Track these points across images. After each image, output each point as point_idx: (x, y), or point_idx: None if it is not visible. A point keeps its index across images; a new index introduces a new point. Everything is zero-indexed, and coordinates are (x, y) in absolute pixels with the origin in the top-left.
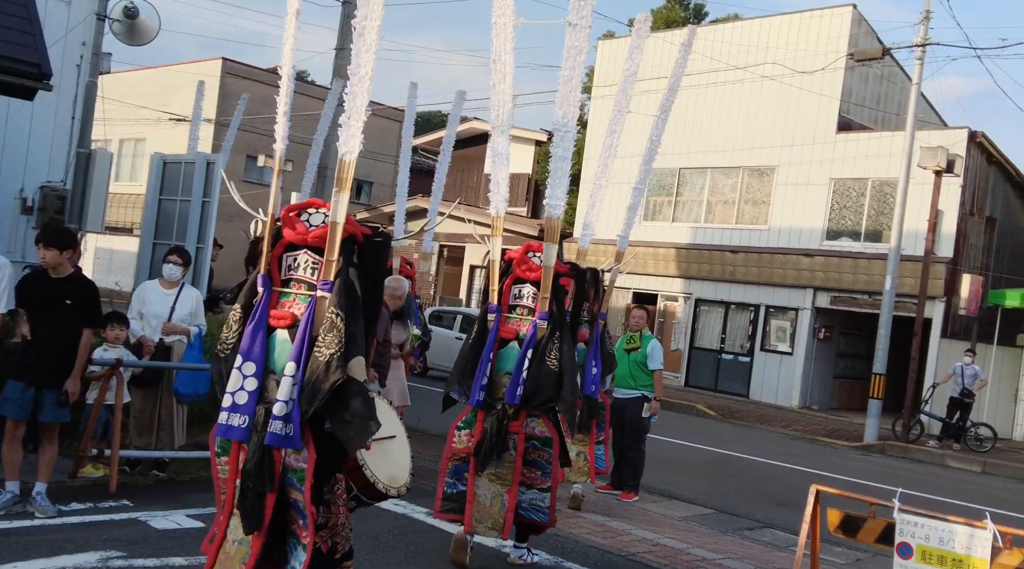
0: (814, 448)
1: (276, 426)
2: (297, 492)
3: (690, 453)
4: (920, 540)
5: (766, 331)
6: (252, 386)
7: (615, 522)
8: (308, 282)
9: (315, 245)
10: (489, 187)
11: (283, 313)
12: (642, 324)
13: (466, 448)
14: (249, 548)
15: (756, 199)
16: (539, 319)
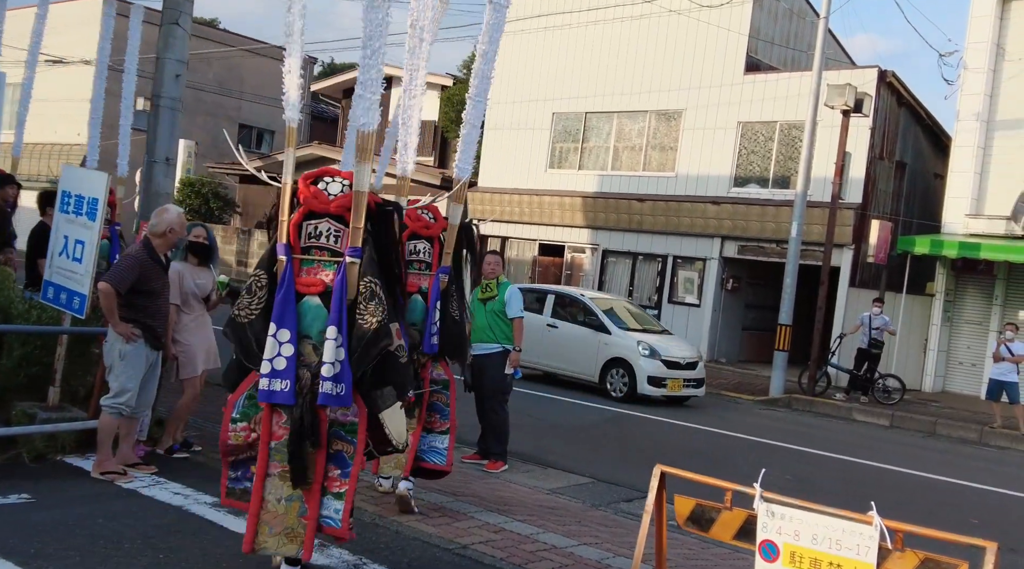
0: (717, 403)
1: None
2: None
3: (580, 414)
4: (788, 537)
5: (674, 282)
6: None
7: (460, 502)
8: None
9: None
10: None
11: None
12: (498, 270)
13: (246, 443)
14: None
15: (663, 145)
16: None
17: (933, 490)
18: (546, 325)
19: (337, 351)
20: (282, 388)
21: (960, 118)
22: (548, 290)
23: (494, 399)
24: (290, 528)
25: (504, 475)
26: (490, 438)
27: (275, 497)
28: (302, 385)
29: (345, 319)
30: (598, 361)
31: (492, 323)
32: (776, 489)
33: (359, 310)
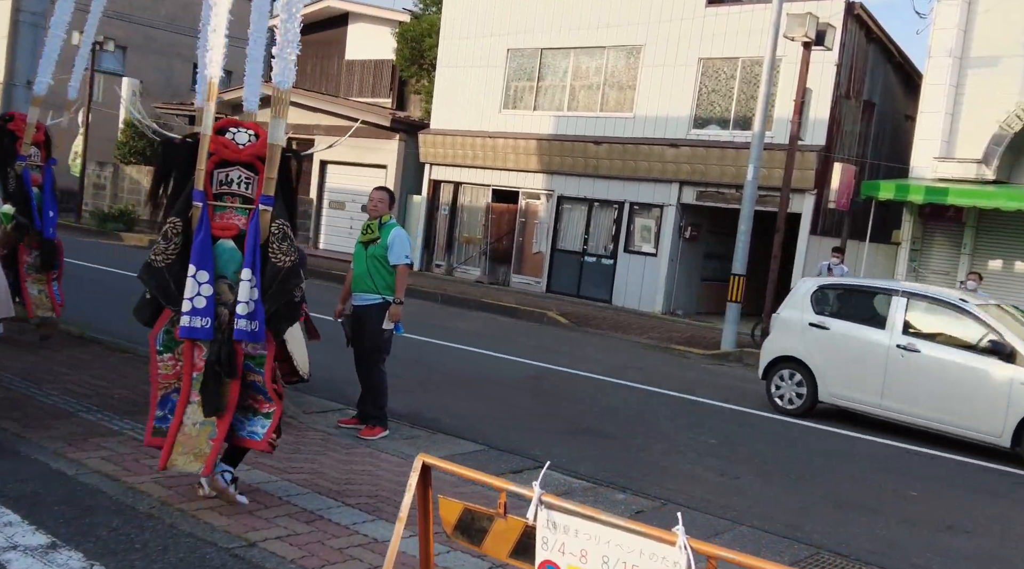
0: (663, 358)
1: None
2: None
3: (499, 370)
4: (574, 559)
5: (630, 231)
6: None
7: (285, 483)
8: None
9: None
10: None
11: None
12: (383, 209)
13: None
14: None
15: (622, 83)
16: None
17: (869, 452)
18: (896, 347)
19: (251, 291)
20: (203, 325)
21: (932, 54)
22: (894, 289)
23: (370, 357)
24: (198, 449)
25: (378, 443)
26: (368, 400)
27: (192, 422)
28: (221, 322)
29: (259, 261)
30: (1008, 413)
31: (372, 269)
32: (694, 453)
33: (272, 250)
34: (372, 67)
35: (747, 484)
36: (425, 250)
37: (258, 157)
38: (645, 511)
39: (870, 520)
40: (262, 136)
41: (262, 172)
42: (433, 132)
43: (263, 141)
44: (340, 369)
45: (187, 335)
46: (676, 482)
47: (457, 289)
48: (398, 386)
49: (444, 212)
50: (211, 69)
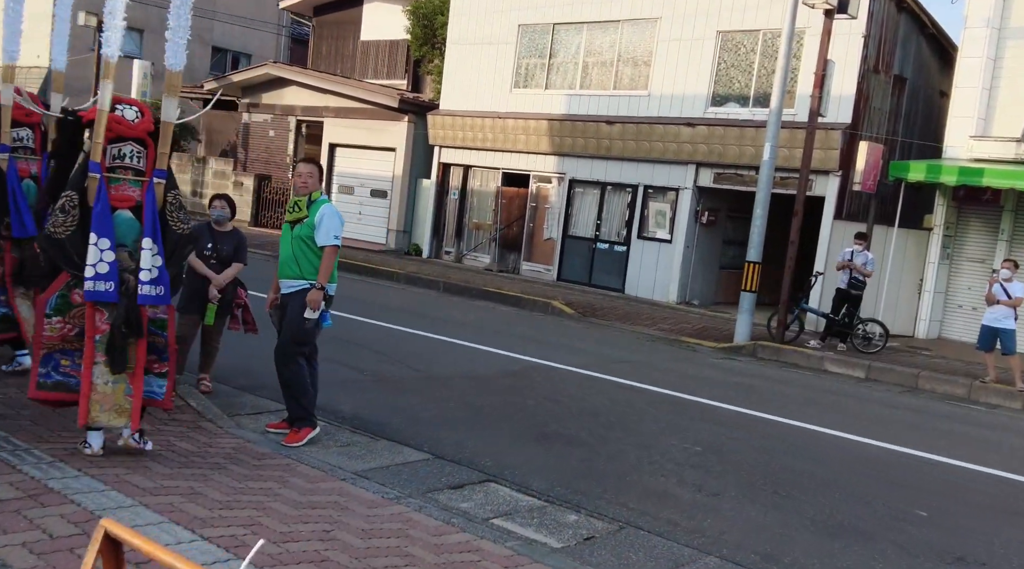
0: (668, 351)
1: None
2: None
3: (480, 364)
4: None
5: (644, 215)
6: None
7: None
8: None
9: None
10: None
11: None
12: (312, 185)
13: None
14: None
15: (636, 59)
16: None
17: (883, 465)
18: None
19: (154, 259)
20: (107, 289)
21: (968, 24)
22: None
23: (285, 349)
24: (118, 405)
25: (301, 453)
26: (288, 399)
27: (102, 381)
28: (127, 287)
29: (159, 230)
30: None
31: (299, 252)
32: (673, 463)
33: (172, 219)
34: (387, 48)
35: (726, 502)
36: (434, 237)
37: (148, 132)
38: (597, 537)
39: (864, 549)
40: (147, 113)
41: (151, 147)
42: (442, 113)
43: (149, 117)
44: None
45: (92, 298)
46: (643, 500)
47: (461, 277)
48: (355, 383)
49: (454, 196)
50: (109, 49)
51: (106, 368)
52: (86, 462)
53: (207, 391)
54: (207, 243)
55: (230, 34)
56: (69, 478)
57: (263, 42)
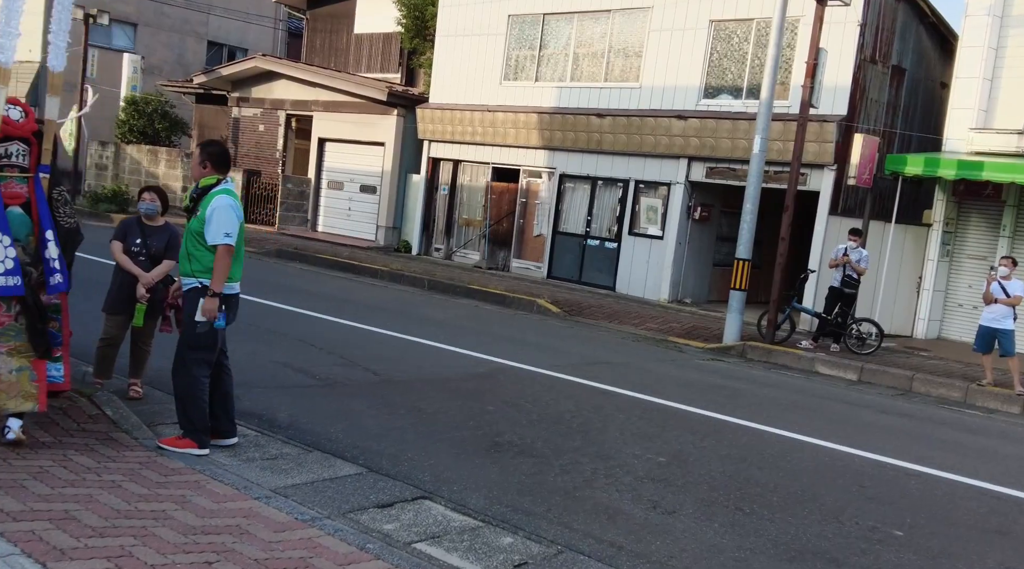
0: (652, 352)
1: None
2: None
3: (445, 366)
4: None
5: (635, 211)
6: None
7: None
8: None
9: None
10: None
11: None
12: (204, 171)
13: None
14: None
15: (628, 50)
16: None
17: (861, 478)
18: None
19: (55, 249)
20: (15, 283)
21: (968, 12)
22: None
23: (181, 353)
24: (25, 391)
25: (217, 466)
26: (178, 409)
27: (6, 370)
28: (31, 279)
29: (53, 223)
30: None
31: (190, 247)
32: (631, 476)
33: (59, 214)
34: (381, 41)
35: (682, 521)
36: (424, 233)
37: (32, 131)
38: (529, 564)
39: None
40: (31, 113)
41: (34, 145)
42: (431, 106)
43: (32, 117)
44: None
45: (5, 293)
46: (590, 519)
47: (447, 275)
48: (301, 389)
49: (443, 192)
50: (3, 55)
51: (9, 358)
52: None
53: (136, 397)
54: (136, 238)
55: (226, 28)
56: None
57: (260, 36)
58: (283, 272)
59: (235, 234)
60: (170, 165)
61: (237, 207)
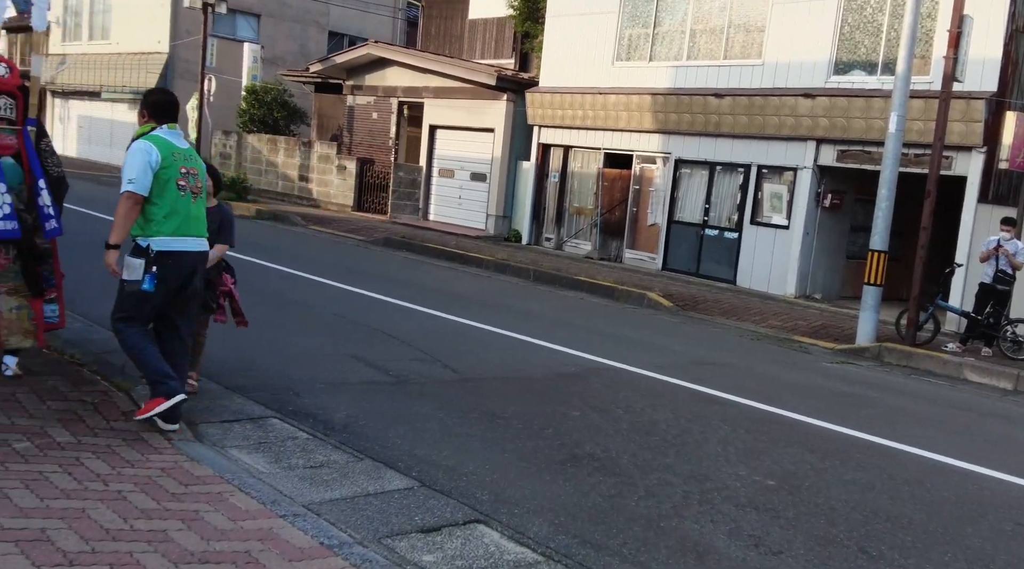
0: (773, 352)
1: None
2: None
3: (534, 364)
4: None
5: (758, 199)
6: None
7: None
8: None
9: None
10: None
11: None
12: (145, 118)
13: None
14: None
15: (749, 24)
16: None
17: (1011, 510)
18: None
19: (48, 196)
20: (12, 228)
21: None
22: None
23: (112, 315)
24: (25, 329)
25: (254, 475)
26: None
27: (7, 308)
28: (25, 224)
29: (43, 172)
30: None
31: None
32: (731, 503)
33: (48, 164)
34: (494, 26)
35: (789, 565)
36: (534, 222)
37: (16, 86)
38: None
39: None
40: (15, 69)
41: (19, 99)
42: (541, 90)
43: (17, 73)
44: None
45: (1, 237)
46: (674, 558)
47: (554, 265)
48: (368, 386)
49: (554, 179)
50: None
51: (9, 297)
52: None
53: (191, 391)
54: None
55: (346, 18)
56: None
57: (379, 25)
58: (387, 261)
59: (142, 181)
60: (288, 153)
61: (151, 151)
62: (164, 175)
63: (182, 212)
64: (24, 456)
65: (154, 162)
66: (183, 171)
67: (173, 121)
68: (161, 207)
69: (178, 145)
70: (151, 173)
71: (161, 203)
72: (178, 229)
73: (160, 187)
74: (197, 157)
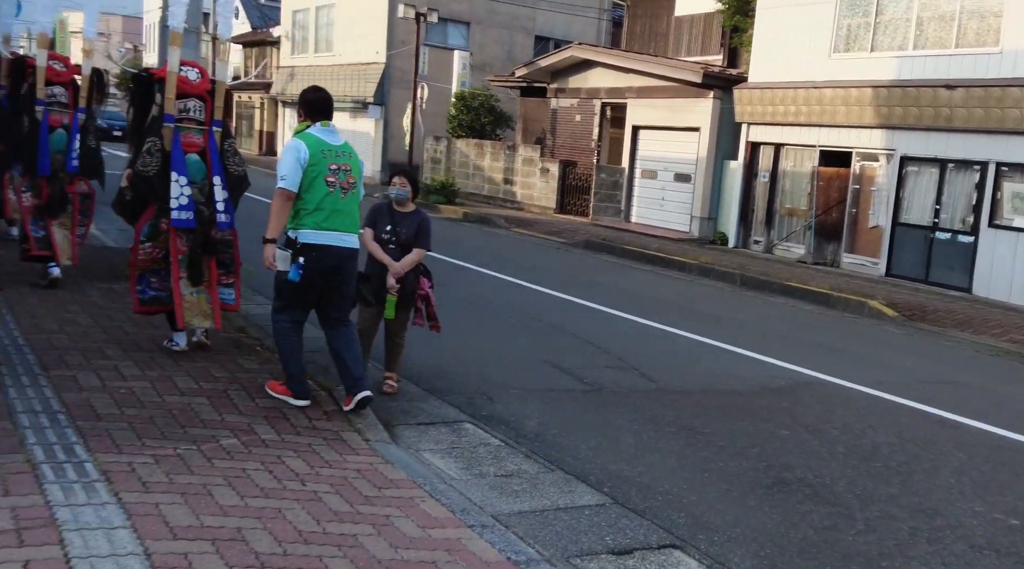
0: (1017, 371)
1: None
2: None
3: (735, 376)
4: None
5: (996, 199)
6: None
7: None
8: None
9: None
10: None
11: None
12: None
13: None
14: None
15: (983, 9)
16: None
17: None
18: None
19: (222, 193)
20: (188, 217)
21: None
22: None
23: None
24: (203, 311)
25: (445, 481)
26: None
27: (188, 292)
28: (202, 216)
29: (223, 170)
30: None
31: None
32: (966, 544)
33: (230, 163)
34: (701, 22)
35: None
36: (741, 224)
37: (206, 90)
38: None
39: None
40: (205, 74)
41: (209, 102)
42: (750, 86)
43: (207, 78)
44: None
45: (177, 225)
46: None
47: (762, 270)
48: (563, 393)
49: (763, 179)
50: (173, 21)
51: (187, 282)
52: (129, 484)
53: (390, 392)
54: (386, 225)
55: (552, 22)
56: (93, 505)
57: (584, 28)
58: (586, 264)
59: (292, 177)
60: (494, 157)
61: (300, 149)
62: (312, 171)
63: (328, 207)
64: (230, 452)
65: (302, 159)
66: (332, 167)
67: (326, 118)
68: (308, 201)
69: (330, 142)
70: (300, 170)
71: (308, 198)
72: (323, 223)
73: (308, 182)
74: (351, 153)
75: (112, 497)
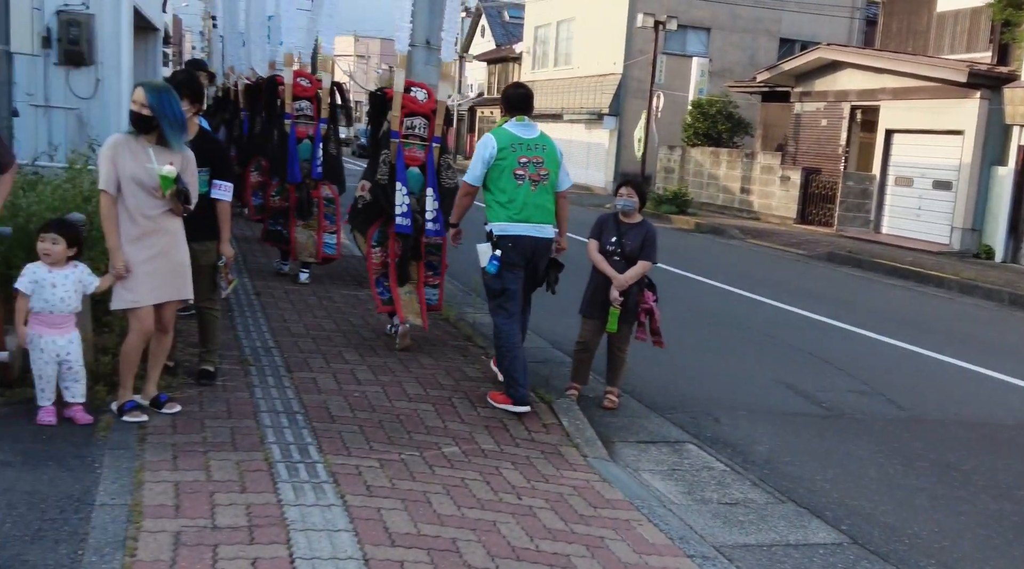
0: None
1: (431, 225)
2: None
3: (998, 406)
4: None
5: None
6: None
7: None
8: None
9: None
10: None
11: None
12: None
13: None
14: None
15: None
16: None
17: None
18: None
19: (433, 203)
20: (407, 224)
21: None
22: None
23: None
24: (414, 310)
25: (665, 505)
26: None
27: (403, 292)
28: (418, 224)
29: (436, 182)
30: None
31: None
32: None
33: (444, 176)
34: (967, 17)
35: None
36: (1011, 236)
37: (431, 110)
38: None
39: None
40: (431, 94)
41: (432, 120)
42: (1023, 85)
43: (432, 98)
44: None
45: (399, 231)
46: None
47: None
48: (796, 417)
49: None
50: (399, 45)
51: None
52: (355, 487)
53: (611, 406)
54: (611, 237)
55: (798, 24)
56: (320, 506)
57: (833, 28)
58: (828, 277)
59: (474, 172)
60: (729, 166)
61: (488, 145)
62: (501, 165)
63: (519, 200)
64: (450, 460)
65: (488, 155)
66: (522, 161)
67: (523, 113)
68: (499, 195)
69: (523, 136)
70: (484, 165)
71: (498, 191)
72: (515, 215)
73: (497, 175)
74: (546, 145)
75: (338, 499)
